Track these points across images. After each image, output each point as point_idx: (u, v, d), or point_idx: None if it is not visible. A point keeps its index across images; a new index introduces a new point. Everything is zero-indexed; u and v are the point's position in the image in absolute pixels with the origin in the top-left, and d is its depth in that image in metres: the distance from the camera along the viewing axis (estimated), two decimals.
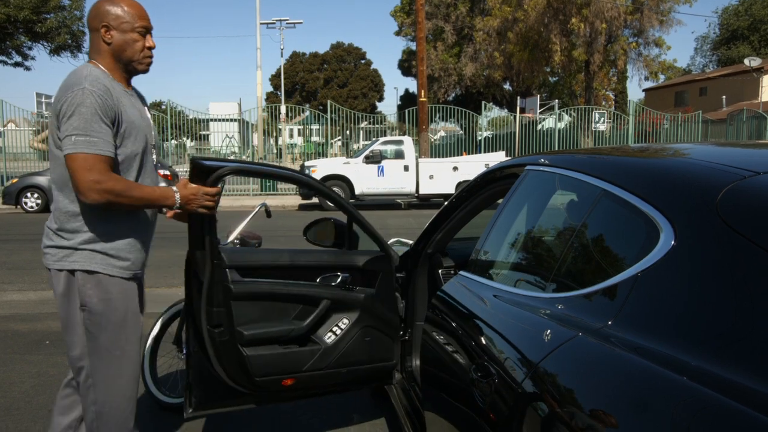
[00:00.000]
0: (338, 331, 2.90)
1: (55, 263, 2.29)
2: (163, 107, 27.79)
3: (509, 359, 1.60)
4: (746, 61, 32.73)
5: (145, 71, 2.39)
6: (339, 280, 2.96)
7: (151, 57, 2.38)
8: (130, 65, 2.33)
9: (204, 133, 29.80)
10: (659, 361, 1.14)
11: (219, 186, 2.45)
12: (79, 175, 2.11)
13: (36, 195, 16.15)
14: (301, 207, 17.50)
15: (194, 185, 2.37)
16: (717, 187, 1.32)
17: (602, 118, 24.23)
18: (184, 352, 2.99)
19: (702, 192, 1.35)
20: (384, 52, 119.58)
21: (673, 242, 1.30)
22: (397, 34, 37.95)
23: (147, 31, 2.33)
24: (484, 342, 1.82)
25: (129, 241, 2.33)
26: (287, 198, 19.86)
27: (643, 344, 1.22)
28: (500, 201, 2.55)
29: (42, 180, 16.25)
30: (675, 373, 1.09)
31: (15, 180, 16.65)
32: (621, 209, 1.56)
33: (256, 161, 21.59)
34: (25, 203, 16.10)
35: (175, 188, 2.32)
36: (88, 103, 2.12)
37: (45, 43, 23.79)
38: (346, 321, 2.92)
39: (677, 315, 1.24)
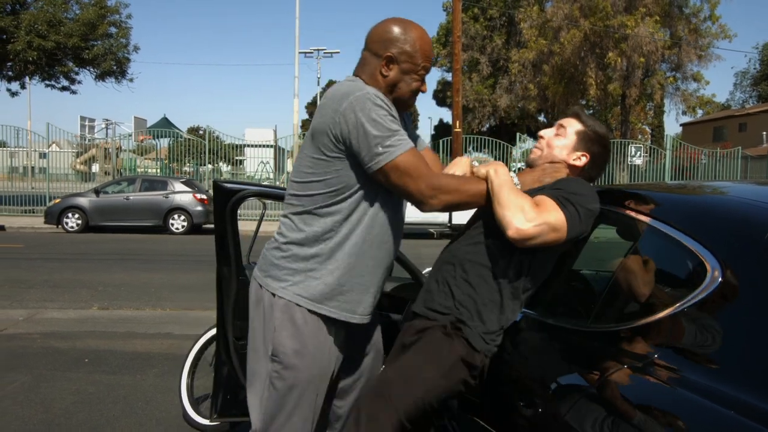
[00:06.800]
0: None
1: None
2: (201, 132, 28.39)
3: (551, 390, 1.61)
4: None
5: (404, 112, 2.14)
6: None
7: (414, 102, 2.13)
8: (392, 102, 2.01)
9: (239, 158, 30.26)
10: (704, 394, 1.16)
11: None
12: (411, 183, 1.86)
13: (77, 215, 16.56)
14: None
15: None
16: (764, 225, 1.34)
17: (638, 152, 23.99)
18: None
19: (749, 229, 1.37)
20: None
21: (720, 279, 1.31)
22: (433, 64, 38.15)
23: (427, 73, 2.08)
24: (523, 373, 1.83)
25: None
26: None
27: (689, 377, 1.23)
28: None
29: (83, 201, 16.68)
30: (722, 406, 1.10)
31: (57, 200, 17.13)
32: (666, 245, 1.57)
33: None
34: (66, 223, 16.50)
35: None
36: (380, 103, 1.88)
37: (91, 69, 24.54)
38: None
39: (724, 350, 1.25)
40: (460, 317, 1.81)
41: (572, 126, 2.08)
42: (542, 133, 2.14)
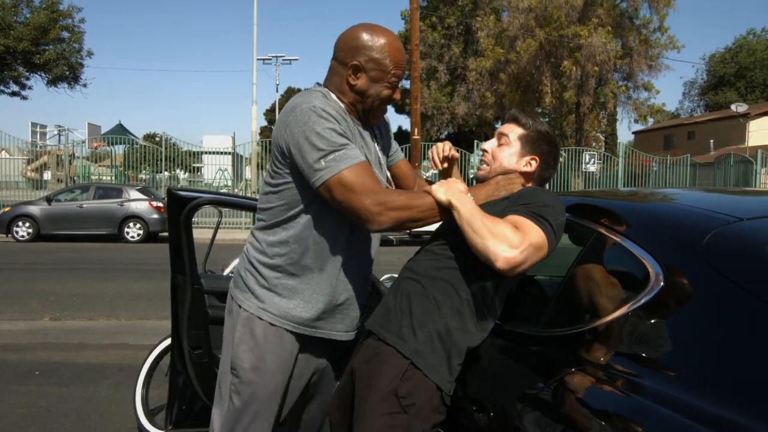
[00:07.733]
0: None
1: None
2: (157, 139, 27.96)
3: (506, 393, 1.65)
4: (733, 107, 33.46)
5: (374, 125, 2.05)
6: None
7: (386, 110, 2.05)
8: (363, 112, 1.96)
9: (197, 165, 29.88)
10: (646, 395, 1.21)
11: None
12: (354, 200, 1.73)
13: (27, 224, 16.09)
14: None
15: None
16: (703, 231, 1.40)
17: (592, 160, 24.52)
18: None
19: (689, 236, 1.43)
20: None
21: (663, 283, 1.37)
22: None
23: (399, 81, 1.94)
24: (480, 377, 1.86)
25: None
26: None
27: (635, 380, 1.28)
28: None
29: (34, 209, 16.23)
30: (662, 406, 1.15)
31: (7, 209, 16.61)
32: (613, 251, 1.63)
33: (241, 194, 21.62)
34: (17, 232, 16.03)
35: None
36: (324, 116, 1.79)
37: (42, 74, 23.96)
38: None
39: (666, 351, 1.31)
40: (417, 348, 1.67)
41: (513, 132, 1.95)
42: (485, 146, 2.00)
